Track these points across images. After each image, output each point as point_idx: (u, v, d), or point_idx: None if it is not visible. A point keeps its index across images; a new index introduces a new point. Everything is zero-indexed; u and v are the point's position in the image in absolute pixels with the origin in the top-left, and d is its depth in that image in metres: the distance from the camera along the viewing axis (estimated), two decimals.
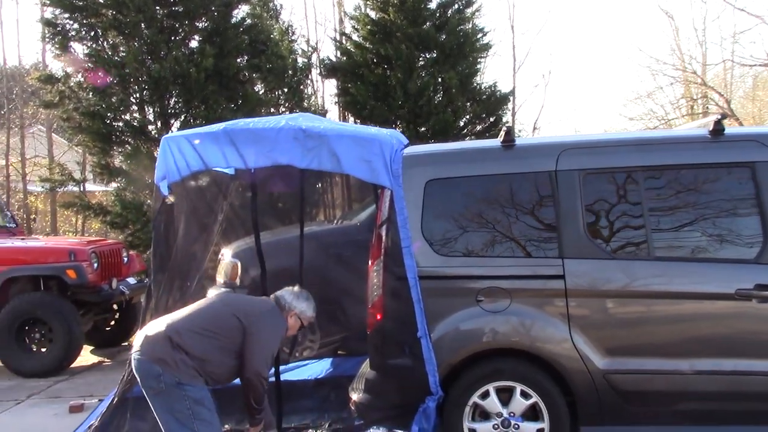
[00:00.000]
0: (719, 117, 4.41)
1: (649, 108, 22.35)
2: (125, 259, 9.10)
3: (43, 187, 14.96)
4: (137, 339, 4.01)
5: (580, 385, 4.25)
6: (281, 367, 5.83)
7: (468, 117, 13.06)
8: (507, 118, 14.30)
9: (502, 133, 4.54)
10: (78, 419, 5.64)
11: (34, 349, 8.06)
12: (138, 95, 12.22)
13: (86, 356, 8.83)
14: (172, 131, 4.85)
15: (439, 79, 12.34)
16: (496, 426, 4.32)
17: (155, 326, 4.03)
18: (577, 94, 42.48)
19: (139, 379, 3.93)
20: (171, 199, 4.85)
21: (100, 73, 11.45)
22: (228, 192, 5.66)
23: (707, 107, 19.45)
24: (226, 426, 5.02)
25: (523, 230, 4.41)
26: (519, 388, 4.30)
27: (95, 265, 8.23)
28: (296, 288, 4.47)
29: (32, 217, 20.58)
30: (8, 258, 8.23)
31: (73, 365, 8.17)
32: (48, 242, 9.45)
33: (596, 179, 4.41)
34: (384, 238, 4.49)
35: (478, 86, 13.08)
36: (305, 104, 13.66)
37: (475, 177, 4.53)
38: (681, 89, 21.15)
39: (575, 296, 4.29)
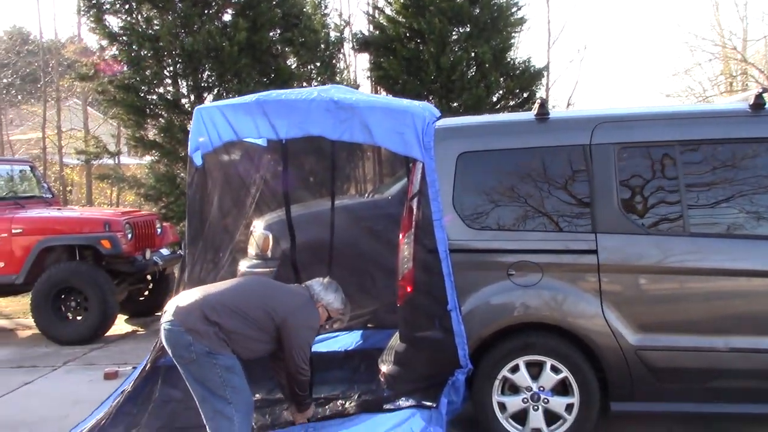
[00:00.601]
0: (760, 91, 4.31)
1: (687, 85, 21.97)
2: (159, 230, 9.20)
3: (78, 159, 15.20)
4: (168, 308, 4.01)
5: (611, 361, 4.22)
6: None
7: (501, 92, 12.91)
8: (541, 93, 14.14)
9: (536, 105, 4.49)
10: (112, 386, 5.73)
11: (70, 318, 8.22)
12: (171, 68, 12.30)
13: (121, 325, 8.98)
14: (205, 104, 4.90)
15: (473, 54, 12.21)
16: (525, 400, 4.32)
17: (188, 297, 4.04)
18: (613, 71, 41.80)
19: (169, 349, 3.95)
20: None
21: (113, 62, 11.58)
22: (260, 164, 5.68)
23: (746, 84, 19.04)
24: (257, 395, 5.07)
25: (556, 204, 4.37)
26: (549, 362, 4.28)
27: (129, 235, 8.34)
28: (326, 279, 4.46)
29: (68, 189, 20.89)
30: (45, 228, 8.38)
31: (107, 334, 8.33)
32: (83, 213, 9.56)
33: (631, 153, 4.34)
34: (415, 210, 4.47)
35: (511, 61, 12.92)
36: (337, 78, 13.62)
37: (508, 150, 4.49)
38: (720, 65, 20.73)
39: (608, 271, 4.24)
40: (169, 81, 12.58)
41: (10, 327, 9.48)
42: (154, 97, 12.50)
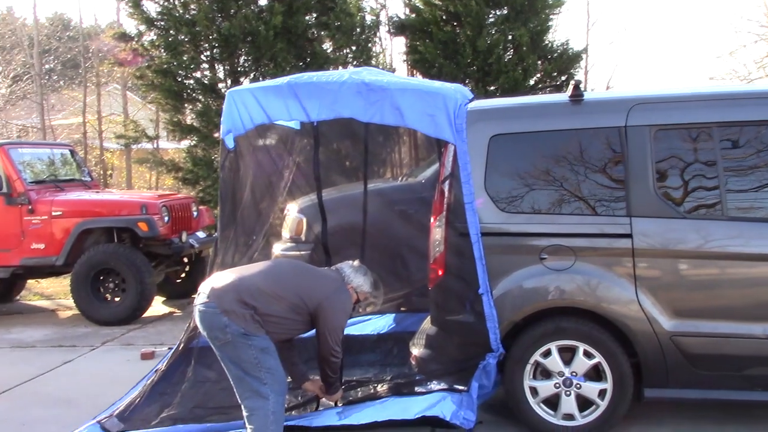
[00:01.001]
0: None
1: (731, 67, 21.46)
2: (195, 213, 9.29)
3: (118, 143, 15.39)
4: (203, 290, 4.02)
5: (645, 347, 4.15)
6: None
7: (538, 75, 12.74)
8: (579, 76, 13.95)
9: (570, 87, 4.41)
10: (149, 366, 5.84)
11: (109, 299, 8.37)
12: (208, 53, 12.38)
13: (158, 307, 9.12)
14: (236, 87, 4.91)
15: (510, 37, 12.06)
16: (557, 385, 4.27)
17: (223, 279, 4.05)
18: (654, 53, 40.97)
19: (204, 330, 3.96)
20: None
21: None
22: (294, 147, 5.69)
23: None
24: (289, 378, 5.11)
25: (590, 188, 4.30)
26: (582, 347, 4.23)
27: (166, 218, 8.44)
28: (356, 262, 4.45)
29: (109, 173, 21.22)
30: (84, 210, 8.52)
31: (145, 315, 8.46)
32: (121, 196, 9.70)
33: (668, 135, 4.25)
34: (446, 193, 4.44)
35: (549, 44, 12.73)
36: (373, 62, 13.56)
37: (541, 132, 4.42)
38: (766, 47, 20.19)
39: (643, 256, 4.17)
40: (206, 65, 12.67)
41: (51, 307, 9.68)
42: (191, 81, 12.60)
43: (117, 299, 8.33)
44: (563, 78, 12.88)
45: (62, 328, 8.18)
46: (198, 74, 12.67)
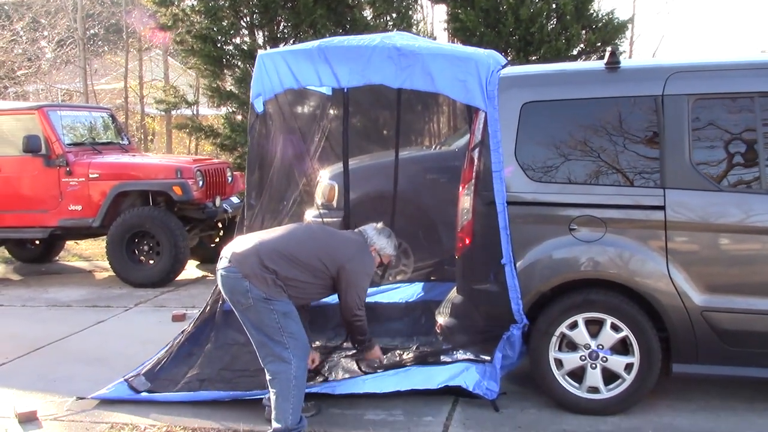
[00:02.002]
0: None
1: None
2: (230, 178, 9.34)
3: (158, 108, 15.51)
4: (225, 254, 4.02)
5: (675, 321, 4.06)
6: (373, 290, 5.92)
7: (582, 46, 12.48)
8: (624, 47, 13.61)
9: (607, 54, 4.29)
10: (180, 327, 5.89)
11: (143, 261, 8.48)
12: (248, 19, 12.36)
13: (192, 270, 9.23)
14: (267, 51, 4.86)
15: (553, 5, 11.80)
16: (583, 357, 4.22)
17: (244, 243, 4.06)
18: (704, 24, 39.84)
19: (227, 295, 3.98)
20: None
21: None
22: (325, 113, 5.66)
23: None
24: (317, 342, 5.13)
25: (623, 158, 4.19)
26: (609, 320, 4.16)
27: (200, 183, 8.49)
28: (379, 224, 4.42)
29: (149, 138, 21.44)
30: (120, 173, 8.62)
31: (178, 278, 8.56)
32: (156, 159, 9.78)
33: (707, 105, 4.11)
34: (476, 161, 4.38)
35: (594, 13, 12.42)
36: (413, 30, 13.41)
37: (575, 101, 4.31)
38: None
39: (676, 229, 4.06)
40: (245, 31, 12.67)
41: (88, 269, 9.86)
42: (231, 47, 12.61)
43: (151, 262, 8.44)
44: (607, 48, 12.59)
45: (98, 289, 8.33)
46: (237, 40, 12.69)
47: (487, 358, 4.37)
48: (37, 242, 9.91)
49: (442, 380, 4.41)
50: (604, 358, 4.18)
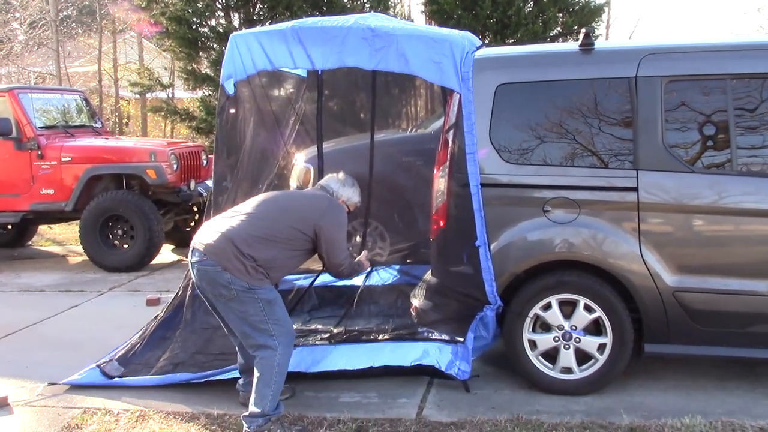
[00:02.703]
0: None
1: (759, 24, 20.92)
2: (204, 161, 9.26)
3: (132, 91, 15.34)
4: (196, 245, 3.88)
5: (647, 302, 4.09)
6: None
7: (559, 29, 12.50)
8: (600, 30, 13.64)
9: (581, 36, 4.29)
10: (154, 311, 5.86)
11: (117, 245, 8.40)
12: (223, 1, 12.21)
13: (166, 254, 9.17)
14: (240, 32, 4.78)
15: None
16: (556, 338, 4.24)
17: (213, 231, 3.89)
18: (679, 8, 40.06)
19: (207, 287, 3.85)
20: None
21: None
22: (301, 95, 5.60)
23: None
24: (294, 325, 5.11)
25: (597, 139, 4.20)
26: (582, 301, 4.18)
27: (175, 166, 8.41)
28: (340, 175, 4.34)
29: (125, 121, 21.20)
30: (93, 156, 8.51)
31: (153, 262, 8.50)
32: (130, 143, 9.67)
33: (680, 87, 4.12)
34: (450, 143, 4.36)
35: None
36: (391, 12, 13.35)
37: (549, 82, 4.31)
38: None
39: (648, 210, 4.08)
40: (221, 13, 12.55)
41: (62, 253, 9.77)
42: (206, 29, 12.48)
43: (125, 246, 8.36)
44: (581, 32, 12.60)
45: (71, 274, 8.25)
46: (213, 22, 12.57)
47: (461, 339, 4.38)
48: (9, 227, 9.77)
49: (415, 358, 4.42)
50: (578, 339, 4.21)
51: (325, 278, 5.73)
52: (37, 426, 4.11)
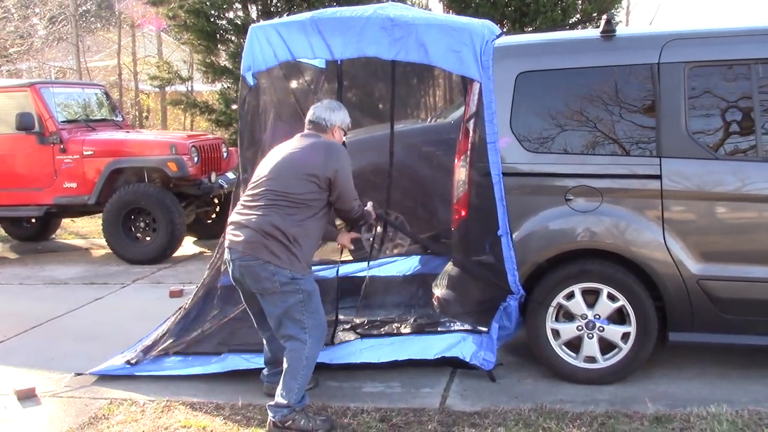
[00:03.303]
0: None
1: None
2: (225, 154, 9.29)
3: (151, 84, 15.41)
4: (232, 245, 3.86)
5: (671, 290, 4.07)
6: (371, 263, 5.92)
7: (578, 16, 12.39)
8: (620, 17, 13.50)
9: (602, 22, 4.25)
10: (177, 303, 5.91)
11: (140, 238, 8.47)
12: None
13: (188, 247, 9.23)
14: (260, 23, 4.79)
15: None
16: (579, 327, 4.22)
17: (242, 226, 3.86)
18: None
19: (251, 283, 3.84)
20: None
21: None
22: (320, 86, 5.59)
23: None
24: None
25: (619, 127, 4.17)
26: (606, 290, 4.16)
27: (195, 158, 8.45)
28: (324, 101, 4.22)
29: (144, 114, 21.32)
30: (114, 150, 8.58)
31: (175, 254, 8.55)
32: (151, 136, 9.72)
33: (703, 73, 4.08)
34: (471, 133, 4.35)
35: None
36: (408, 2, 13.29)
37: (570, 70, 4.28)
38: None
39: (672, 197, 4.05)
40: (238, 5, 12.53)
41: (85, 246, 9.86)
42: (224, 22, 12.48)
43: (148, 239, 8.42)
44: (602, 18, 12.48)
45: (95, 266, 8.33)
46: (231, 14, 12.55)
47: (484, 329, 4.38)
48: (33, 220, 9.89)
49: (439, 350, 4.43)
50: (601, 328, 4.19)
51: (345, 269, 5.75)
52: (64, 416, 4.16)
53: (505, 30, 11.01)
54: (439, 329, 4.66)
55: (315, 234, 3.97)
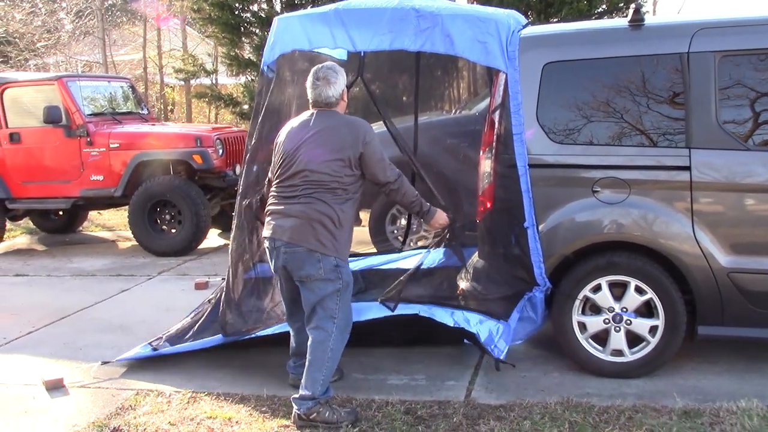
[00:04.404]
0: None
1: None
2: None
3: (177, 78, 15.49)
4: (276, 234, 3.85)
5: (700, 283, 4.01)
6: (394, 256, 5.90)
7: (604, 6, 12.24)
8: (647, 6, 13.32)
9: (631, 11, 4.19)
10: (203, 295, 5.96)
11: (165, 230, 8.53)
12: None
13: (213, 239, 9.28)
14: (284, 15, 4.80)
15: None
16: (606, 321, 4.18)
17: (286, 213, 3.86)
18: None
19: (292, 270, 3.87)
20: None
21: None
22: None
23: None
24: None
25: (648, 118, 4.11)
26: (633, 283, 4.11)
27: (220, 151, 8.49)
28: (317, 73, 3.96)
29: (169, 108, 21.44)
30: (140, 142, 8.63)
31: (200, 246, 8.61)
32: (176, 128, 9.77)
33: (734, 62, 4.01)
34: (496, 124, 4.32)
35: None
36: None
37: (598, 60, 4.22)
38: None
39: (701, 189, 3.99)
40: None
41: (111, 238, 9.94)
42: (248, 14, 12.50)
43: (173, 231, 8.48)
44: (630, 8, 12.32)
45: (121, 258, 8.40)
46: (255, 7, 12.57)
47: (504, 318, 4.32)
48: (61, 213, 10.00)
49: (459, 320, 4.31)
50: (628, 321, 4.14)
51: (370, 262, 5.74)
52: (92, 407, 4.20)
53: (530, 21, 10.94)
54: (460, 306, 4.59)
55: (352, 219, 3.99)
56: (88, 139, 8.55)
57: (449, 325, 4.32)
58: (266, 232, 3.98)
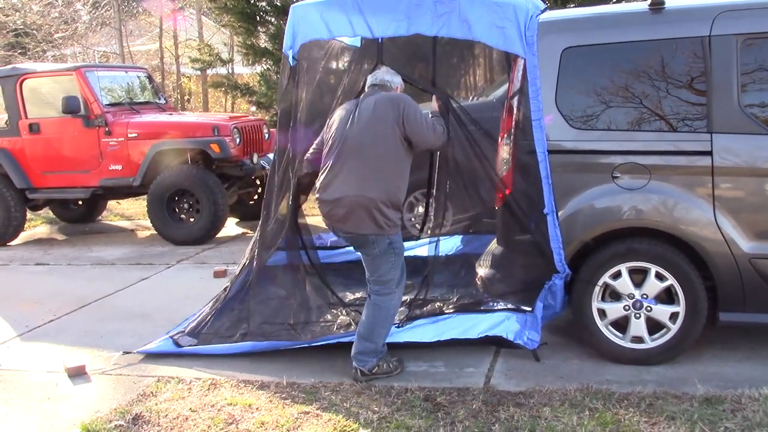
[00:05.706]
0: None
1: None
2: (266, 135, 9.32)
3: (193, 67, 15.52)
4: (331, 219, 4.18)
5: (722, 269, 3.97)
6: (412, 243, 5.89)
7: None
8: None
9: None
10: (221, 283, 5.97)
11: (184, 219, 8.57)
12: None
13: (231, 227, 9.31)
14: (300, 3, 4.79)
15: None
16: (626, 307, 4.15)
17: (339, 199, 4.08)
18: None
19: (355, 248, 4.33)
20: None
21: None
22: (362, 67, 5.55)
23: None
24: (357, 294, 5.20)
25: (669, 102, 4.06)
26: (654, 269, 4.07)
27: (237, 140, 8.50)
28: (382, 68, 4.49)
29: (186, 97, 21.50)
30: (158, 132, 8.65)
31: (219, 235, 8.64)
32: (194, 118, 9.79)
33: (757, 45, 3.95)
34: (515, 110, 4.28)
35: None
36: None
37: (617, 44, 4.18)
38: None
39: (723, 174, 3.95)
40: None
41: (130, 227, 10.01)
42: (264, 3, 12.49)
43: (192, 220, 8.52)
44: None
45: (140, 247, 8.46)
46: None
47: (528, 308, 4.34)
48: (80, 202, 10.06)
49: (483, 330, 4.40)
50: (649, 308, 4.11)
51: None
52: (113, 393, 4.23)
53: (547, 5, 10.86)
54: (482, 308, 4.63)
55: (405, 190, 4.24)
56: (107, 129, 8.59)
57: (473, 338, 4.44)
58: (325, 219, 4.26)
